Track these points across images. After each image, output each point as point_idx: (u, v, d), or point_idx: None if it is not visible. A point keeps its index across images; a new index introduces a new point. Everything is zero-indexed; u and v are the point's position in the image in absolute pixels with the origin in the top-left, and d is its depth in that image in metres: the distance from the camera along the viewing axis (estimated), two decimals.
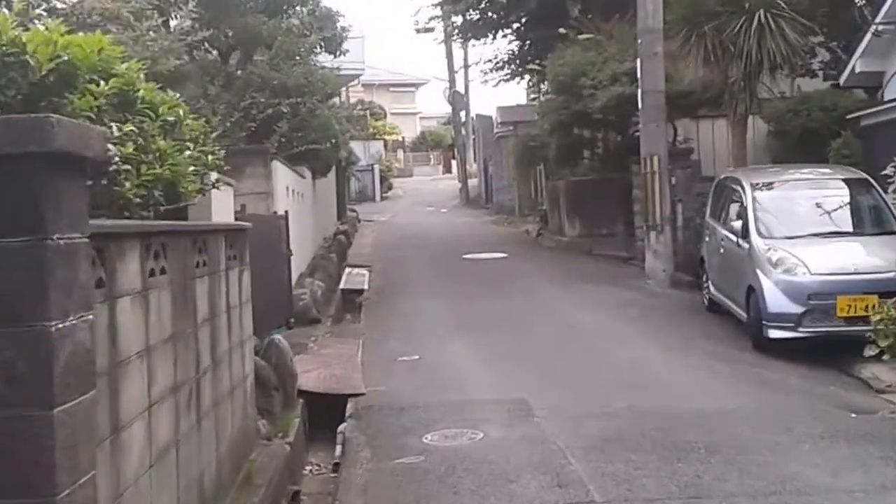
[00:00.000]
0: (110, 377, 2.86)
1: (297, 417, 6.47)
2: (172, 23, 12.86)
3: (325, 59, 15.47)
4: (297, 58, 12.56)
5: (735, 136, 13.51)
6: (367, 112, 41.55)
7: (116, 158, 3.29)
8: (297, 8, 13.84)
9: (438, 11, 24.25)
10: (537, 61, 17.60)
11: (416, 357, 8.59)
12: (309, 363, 8.16)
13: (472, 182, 36.92)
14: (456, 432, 6.19)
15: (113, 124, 3.39)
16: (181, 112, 4.16)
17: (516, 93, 64.47)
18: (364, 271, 15.66)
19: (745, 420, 6.32)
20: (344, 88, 40.95)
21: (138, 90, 3.75)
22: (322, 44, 14.17)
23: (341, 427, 6.49)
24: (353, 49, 35.32)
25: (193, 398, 3.99)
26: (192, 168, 4.17)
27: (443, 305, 11.56)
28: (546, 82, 21.33)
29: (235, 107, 11.67)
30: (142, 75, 3.93)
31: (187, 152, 4.14)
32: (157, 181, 3.70)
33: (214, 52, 12.96)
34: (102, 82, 3.32)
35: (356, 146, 34.64)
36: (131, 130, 3.50)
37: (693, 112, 15.46)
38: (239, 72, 12.39)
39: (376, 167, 39.41)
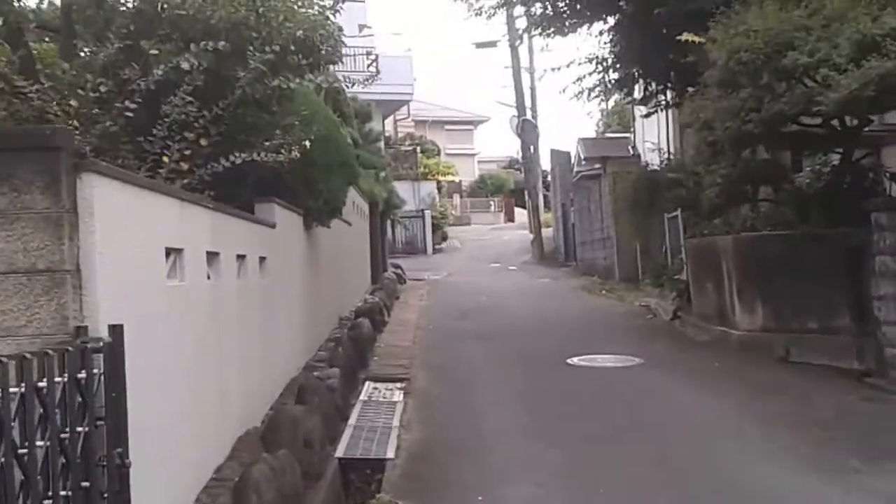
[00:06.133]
0: None
1: None
2: None
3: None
4: None
5: None
6: (417, 147, 35.06)
7: None
8: None
9: None
10: (687, 32, 10.55)
11: None
12: None
13: (546, 233, 30.13)
14: None
15: None
16: None
17: (587, 127, 57.69)
18: (396, 394, 8.84)
19: None
20: (390, 119, 34.89)
21: None
22: None
23: None
24: (401, 69, 29.31)
25: None
26: None
27: None
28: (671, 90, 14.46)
29: (98, 67, 5.13)
30: None
31: None
32: None
33: None
34: None
35: (403, 187, 28.32)
36: None
37: None
38: None
39: (427, 213, 32.85)
